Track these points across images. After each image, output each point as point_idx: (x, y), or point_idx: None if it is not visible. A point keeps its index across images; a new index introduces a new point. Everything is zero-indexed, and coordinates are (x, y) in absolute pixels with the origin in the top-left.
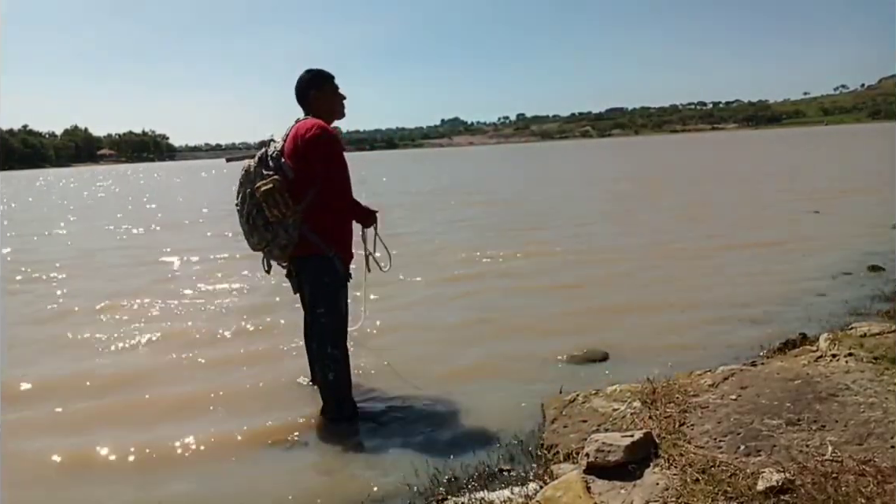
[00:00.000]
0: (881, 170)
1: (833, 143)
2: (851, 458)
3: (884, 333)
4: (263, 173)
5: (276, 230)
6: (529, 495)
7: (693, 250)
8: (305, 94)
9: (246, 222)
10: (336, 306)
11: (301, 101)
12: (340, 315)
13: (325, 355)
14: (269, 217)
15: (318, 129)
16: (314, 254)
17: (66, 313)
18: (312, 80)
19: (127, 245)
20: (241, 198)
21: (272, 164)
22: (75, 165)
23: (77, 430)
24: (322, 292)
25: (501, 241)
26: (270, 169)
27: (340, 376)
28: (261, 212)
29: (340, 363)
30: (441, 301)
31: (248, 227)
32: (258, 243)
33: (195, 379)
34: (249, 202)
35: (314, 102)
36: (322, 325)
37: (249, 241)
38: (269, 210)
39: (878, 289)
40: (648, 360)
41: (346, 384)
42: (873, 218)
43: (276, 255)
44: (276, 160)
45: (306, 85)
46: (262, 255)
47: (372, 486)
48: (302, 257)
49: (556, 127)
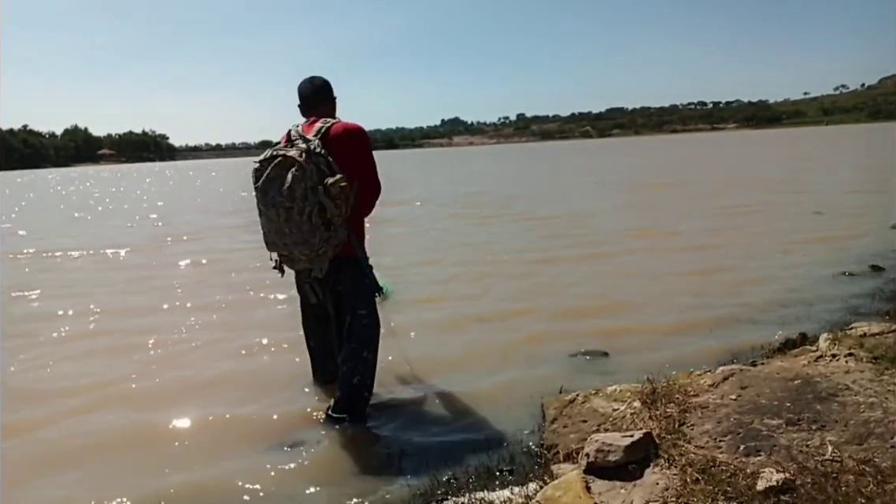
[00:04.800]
0: (881, 170)
1: (833, 143)
2: (851, 458)
3: (884, 333)
4: (323, 170)
5: (335, 230)
6: (529, 495)
7: (693, 249)
8: (329, 97)
9: (308, 220)
10: (376, 309)
11: (317, 105)
12: (378, 319)
13: (359, 358)
14: (332, 216)
15: (360, 127)
16: (355, 256)
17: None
18: (330, 87)
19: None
20: (298, 194)
21: (323, 163)
22: (75, 165)
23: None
24: (365, 295)
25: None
26: (328, 166)
27: (365, 382)
28: (322, 210)
29: (370, 368)
30: (441, 300)
31: (310, 225)
32: (319, 245)
33: (195, 372)
34: (312, 199)
35: (330, 107)
36: (364, 326)
37: (301, 244)
38: (339, 208)
39: (878, 289)
40: (648, 360)
41: (368, 389)
42: (873, 218)
43: (328, 255)
44: (326, 157)
45: (329, 89)
46: (286, 258)
47: (372, 486)
48: (343, 259)
49: (555, 127)
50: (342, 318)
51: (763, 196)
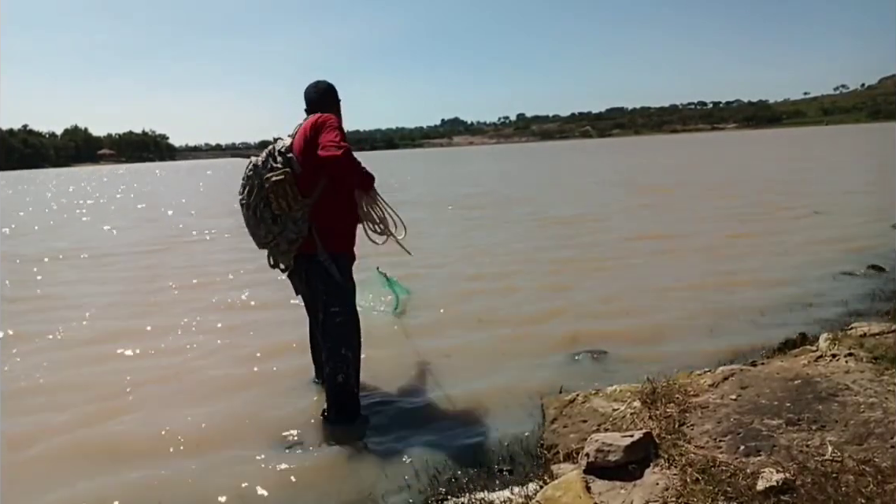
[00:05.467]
0: (881, 170)
1: (833, 143)
2: (851, 458)
3: (884, 333)
4: (272, 166)
5: (284, 223)
6: (529, 495)
7: (693, 249)
8: (334, 100)
9: (253, 215)
10: (351, 306)
11: (321, 108)
12: (355, 315)
13: (338, 356)
14: (275, 209)
15: (327, 115)
16: (326, 252)
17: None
18: (335, 91)
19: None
20: (247, 191)
21: (280, 159)
22: (75, 165)
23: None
24: (337, 292)
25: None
26: (278, 163)
27: (350, 379)
28: (268, 205)
29: (352, 365)
30: (441, 300)
31: (255, 219)
32: (265, 237)
33: (194, 374)
34: (257, 195)
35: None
36: (337, 324)
37: (256, 235)
38: (276, 201)
39: (878, 289)
40: (648, 359)
41: (353, 386)
42: (873, 218)
43: (283, 249)
44: (284, 155)
45: (333, 93)
46: (268, 251)
47: (371, 486)
48: (310, 255)
49: (555, 127)
50: (317, 315)
51: (763, 196)
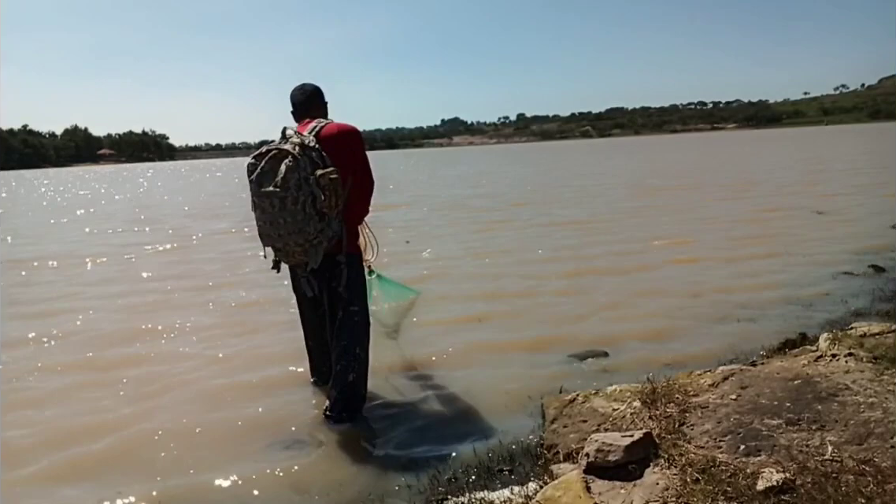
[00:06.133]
0: (881, 170)
1: (833, 143)
2: (851, 458)
3: (884, 333)
4: (316, 162)
5: (329, 221)
6: (529, 495)
7: (693, 250)
8: (321, 102)
9: (301, 209)
10: (367, 306)
11: (308, 110)
12: (370, 315)
13: (352, 355)
14: (323, 207)
15: (354, 128)
16: (349, 252)
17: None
18: (321, 93)
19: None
20: (291, 183)
21: (315, 156)
22: (75, 165)
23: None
24: (358, 291)
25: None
26: (321, 159)
27: (360, 379)
28: (315, 201)
29: (363, 365)
30: (441, 300)
31: (304, 215)
32: (312, 234)
33: (193, 374)
34: (305, 188)
35: (322, 112)
36: (356, 323)
37: (296, 233)
38: (329, 199)
39: (878, 289)
40: (648, 359)
41: (362, 388)
42: (873, 218)
43: (318, 248)
44: (320, 152)
45: (320, 95)
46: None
47: (372, 486)
48: (333, 255)
49: (555, 127)
50: (335, 314)
51: (763, 196)
